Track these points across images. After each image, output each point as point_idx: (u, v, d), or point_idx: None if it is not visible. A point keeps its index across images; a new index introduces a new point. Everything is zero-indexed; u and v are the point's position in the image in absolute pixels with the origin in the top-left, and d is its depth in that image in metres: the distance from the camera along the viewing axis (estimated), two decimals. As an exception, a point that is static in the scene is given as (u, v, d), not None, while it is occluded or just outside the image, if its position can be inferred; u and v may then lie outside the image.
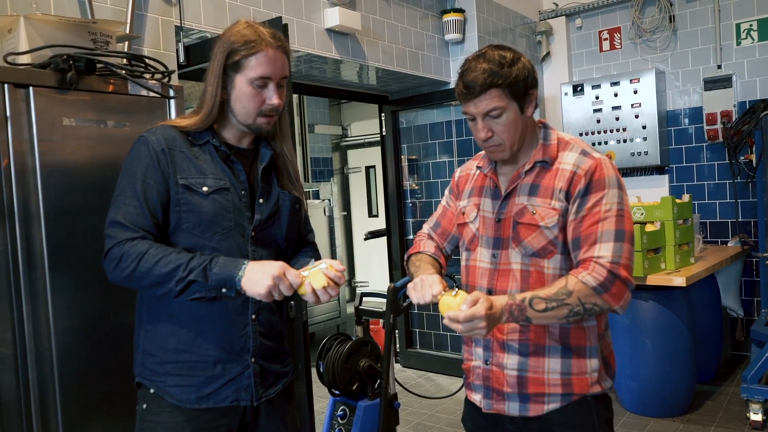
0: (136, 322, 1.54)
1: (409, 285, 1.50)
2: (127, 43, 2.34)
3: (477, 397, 1.59)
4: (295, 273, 1.38)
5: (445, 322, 1.33)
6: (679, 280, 3.25)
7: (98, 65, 1.77)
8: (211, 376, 1.46)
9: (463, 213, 1.64)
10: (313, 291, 1.38)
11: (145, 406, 1.49)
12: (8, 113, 1.60)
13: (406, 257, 1.75)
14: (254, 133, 1.54)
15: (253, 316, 1.51)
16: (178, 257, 1.37)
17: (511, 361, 1.51)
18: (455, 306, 1.33)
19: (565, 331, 1.48)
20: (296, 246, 1.69)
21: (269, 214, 1.55)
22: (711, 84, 4.39)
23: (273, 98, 1.48)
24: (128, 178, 1.44)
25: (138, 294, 1.54)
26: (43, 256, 1.64)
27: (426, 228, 1.78)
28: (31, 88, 1.64)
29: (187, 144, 1.48)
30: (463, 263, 1.65)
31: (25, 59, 1.74)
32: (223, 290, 1.38)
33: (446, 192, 1.76)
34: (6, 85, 1.60)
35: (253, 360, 1.51)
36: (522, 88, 1.44)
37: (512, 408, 1.52)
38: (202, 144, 1.50)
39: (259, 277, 1.35)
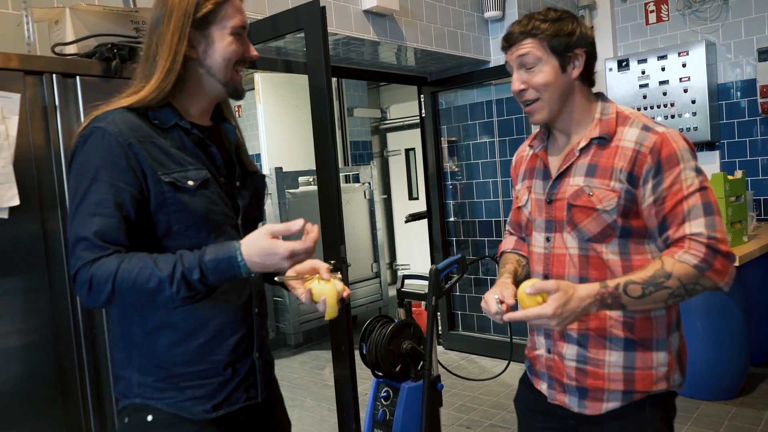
0: (120, 341, 1.34)
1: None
2: (168, 30, 2.36)
3: (543, 387, 1.53)
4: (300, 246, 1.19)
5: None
6: (731, 260, 3.14)
7: (141, 53, 1.79)
8: (223, 382, 1.35)
9: (517, 197, 1.58)
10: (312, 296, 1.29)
11: (150, 417, 1.31)
12: (57, 102, 1.65)
13: None
14: (230, 93, 1.36)
15: (256, 310, 1.40)
16: (155, 269, 1.16)
17: (570, 351, 1.44)
18: (530, 301, 1.26)
19: (629, 322, 1.39)
20: None
21: (249, 198, 1.42)
22: (765, 54, 4.19)
23: (252, 49, 1.38)
24: (89, 181, 1.19)
25: (116, 312, 1.34)
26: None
27: (507, 225, 1.75)
28: (77, 78, 1.68)
29: (155, 131, 1.26)
30: (528, 250, 1.58)
31: (71, 49, 1.78)
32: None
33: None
34: (54, 75, 1.64)
35: (257, 355, 1.41)
36: (563, 43, 1.38)
37: (572, 402, 1.45)
38: (169, 128, 1.28)
39: (272, 262, 1.18)
